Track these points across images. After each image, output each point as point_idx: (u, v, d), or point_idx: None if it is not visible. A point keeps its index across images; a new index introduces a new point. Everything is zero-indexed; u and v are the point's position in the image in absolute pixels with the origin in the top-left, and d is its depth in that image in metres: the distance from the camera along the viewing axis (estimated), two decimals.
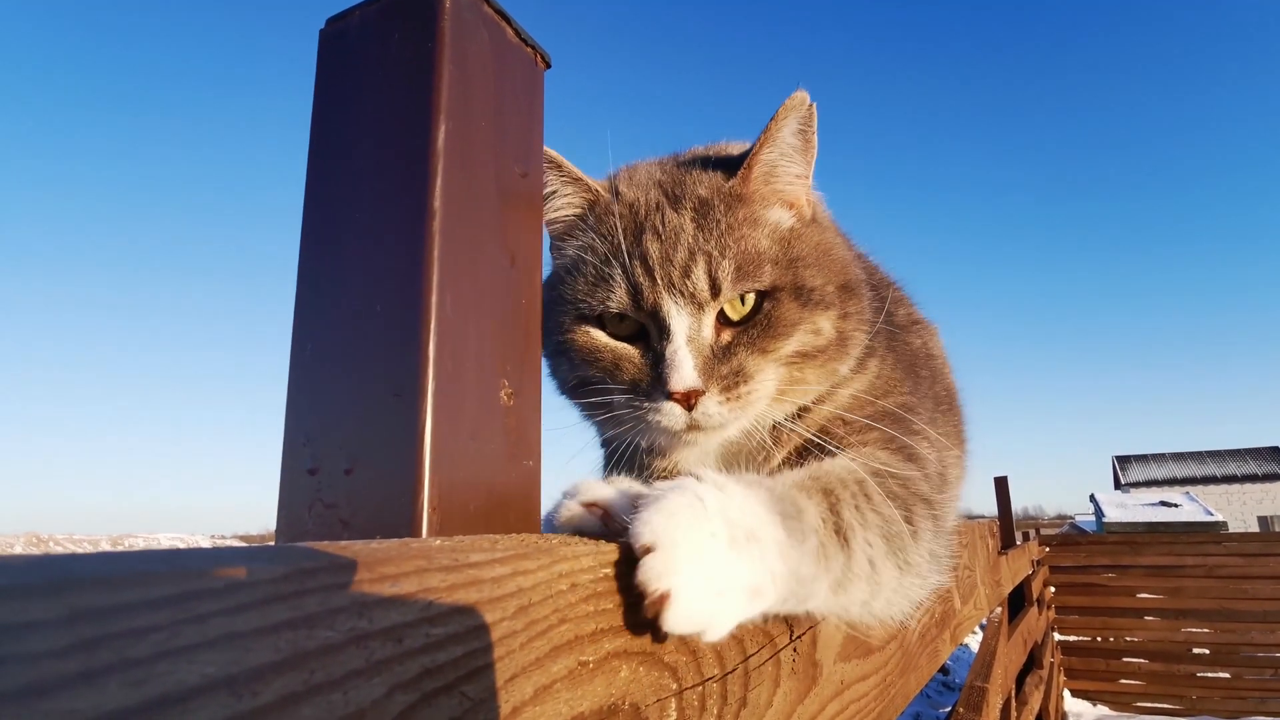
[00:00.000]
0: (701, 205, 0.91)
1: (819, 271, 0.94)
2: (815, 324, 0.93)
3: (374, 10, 0.58)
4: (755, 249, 0.90)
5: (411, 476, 0.47)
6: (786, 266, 0.91)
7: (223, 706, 0.27)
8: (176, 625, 0.26)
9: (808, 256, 0.94)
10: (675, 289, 0.87)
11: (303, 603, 0.31)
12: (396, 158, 0.54)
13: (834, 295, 0.95)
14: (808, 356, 0.93)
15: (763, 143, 0.92)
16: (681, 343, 0.86)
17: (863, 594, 0.71)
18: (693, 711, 0.59)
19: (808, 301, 0.92)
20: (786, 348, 0.90)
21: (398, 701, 0.34)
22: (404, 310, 0.50)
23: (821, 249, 0.97)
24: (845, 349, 0.96)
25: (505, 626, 0.41)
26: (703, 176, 0.95)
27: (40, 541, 31.06)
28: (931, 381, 1.27)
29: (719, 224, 0.90)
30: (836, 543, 0.68)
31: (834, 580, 0.67)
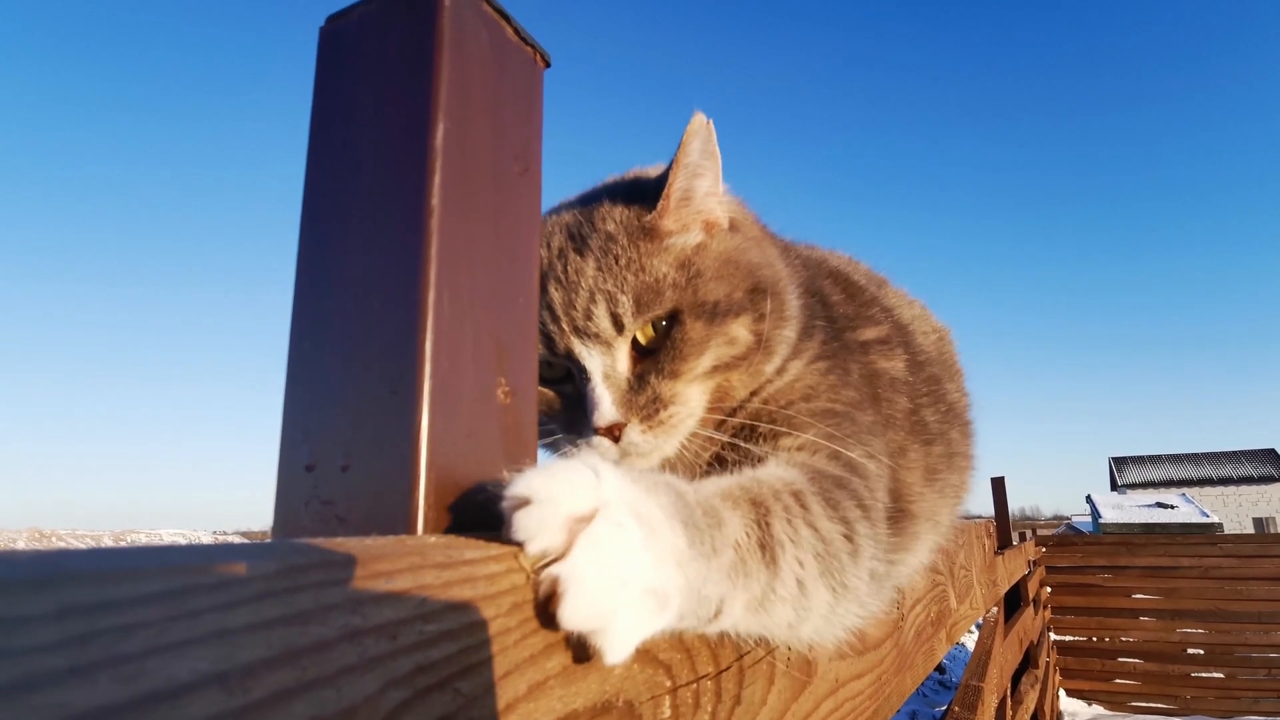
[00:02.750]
0: (607, 242, 0.92)
1: (723, 282, 0.94)
2: (728, 333, 0.93)
3: (374, 8, 0.58)
4: (655, 277, 0.90)
5: (408, 473, 0.47)
6: (686, 286, 0.91)
7: (214, 703, 0.27)
8: (167, 621, 0.26)
9: (711, 269, 0.94)
10: (581, 332, 0.90)
11: (295, 599, 0.31)
12: (395, 155, 0.54)
13: (744, 300, 0.94)
14: (730, 366, 0.93)
15: (674, 172, 0.92)
16: (598, 380, 0.89)
17: (787, 617, 0.65)
18: (687, 709, 0.59)
19: (714, 315, 0.92)
20: (699, 366, 0.91)
21: (391, 698, 0.34)
22: (402, 308, 0.50)
23: (725, 258, 0.96)
24: (769, 349, 0.96)
25: (499, 623, 0.41)
26: (613, 211, 0.96)
27: (43, 536, 30.91)
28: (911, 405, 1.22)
29: (620, 260, 0.91)
30: (760, 559, 0.61)
31: (752, 599, 0.60)
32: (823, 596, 0.68)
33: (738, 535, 0.60)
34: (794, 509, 0.68)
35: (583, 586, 0.42)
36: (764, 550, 0.62)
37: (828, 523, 0.72)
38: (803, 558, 0.66)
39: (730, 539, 0.58)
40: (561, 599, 0.42)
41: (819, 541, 0.69)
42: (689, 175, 0.94)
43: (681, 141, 0.91)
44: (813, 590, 0.66)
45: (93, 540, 33.19)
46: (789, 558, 0.64)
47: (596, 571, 0.43)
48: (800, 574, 0.65)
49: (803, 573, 0.65)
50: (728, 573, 0.57)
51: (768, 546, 0.62)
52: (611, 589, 0.43)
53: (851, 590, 0.72)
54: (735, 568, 0.58)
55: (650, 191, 0.95)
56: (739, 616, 0.59)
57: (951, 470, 1.31)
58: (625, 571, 0.45)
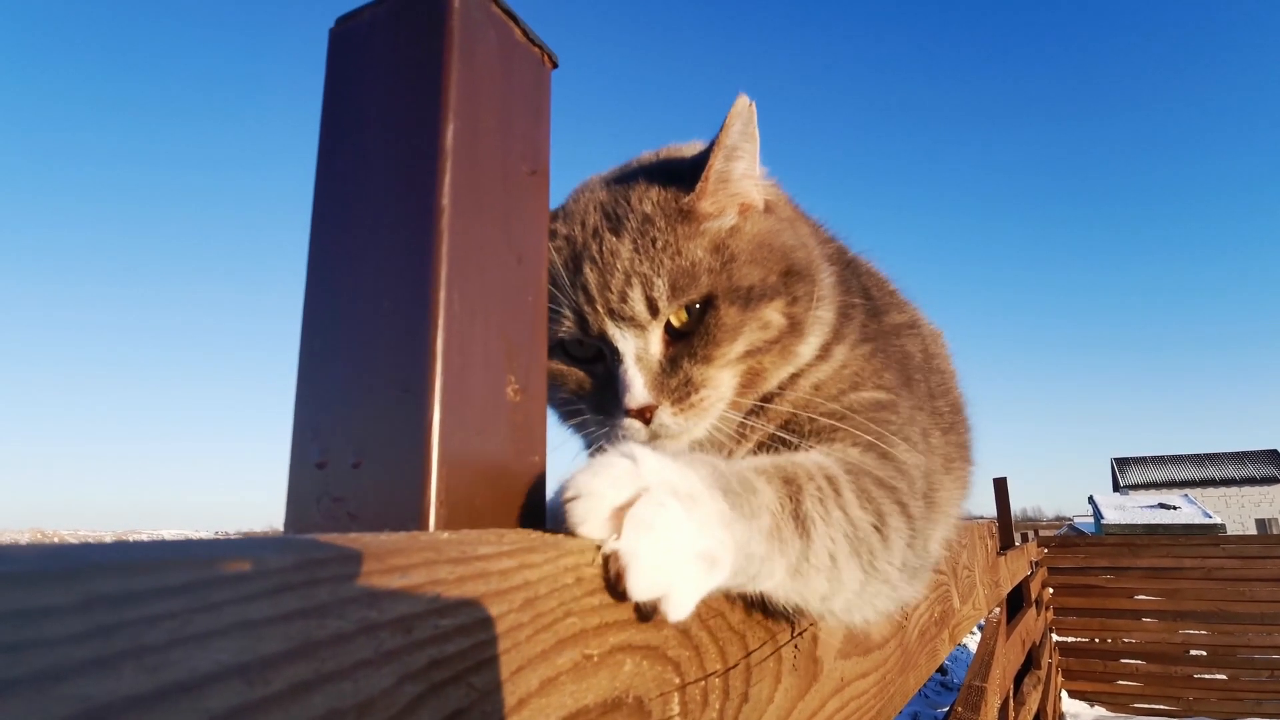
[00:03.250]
0: (643, 224, 0.92)
1: (757, 266, 0.94)
2: (762, 318, 0.93)
3: (384, 10, 0.58)
4: (691, 261, 0.91)
5: (419, 470, 0.48)
6: (721, 270, 0.91)
7: (235, 694, 0.27)
8: (191, 613, 0.27)
9: (745, 253, 0.94)
10: (616, 314, 0.90)
11: (314, 592, 0.31)
12: (405, 156, 0.54)
13: (778, 283, 0.94)
14: (762, 350, 0.93)
15: (714, 154, 0.92)
16: (631, 362, 0.90)
17: (821, 588, 0.68)
18: (695, 706, 0.59)
19: (748, 300, 0.92)
20: (733, 351, 0.91)
21: (406, 692, 0.34)
22: (413, 307, 0.51)
23: (760, 240, 0.96)
24: (800, 333, 0.96)
25: (512, 619, 0.41)
26: (649, 191, 0.95)
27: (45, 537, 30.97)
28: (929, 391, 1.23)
29: (656, 242, 0.91)
30: (794, 528, 0.65)
31: (790, 565, 0.64)
32: (854, 574, 0.71)
33: (772, 505, 0.64)
34: (826, 490, 0.71)
35: (639, 561, 0.48)
36: (797, 521, 0.66)
37: (859, 511, 0.74)
38: (834, 535, 0.69)
39: (765, 506, 0.63)
40: (625, 574, 0.48)
41: (848, 524, 0.71)
42: (727, 157, 0.93)
43: (724, 123, 0.90)
44: (844, 566, 0.70)
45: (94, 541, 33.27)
46: (820, 532, 0.67)
47: (648, 547, 0.49)
48: (832, 549, 0.68)
49: (834, 548, 0.68)
50: (767, 535, 0.61)
51: (800, 519, 0.66)
52: (664, 559, 0.49)
53: (882, 574, 0.75)
54: (772, 533, 0.62)
55: (687, 172, 0.95)
56: (780, 579, 0.64)
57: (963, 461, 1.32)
58: (672, 542, 0.50)
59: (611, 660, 0.49)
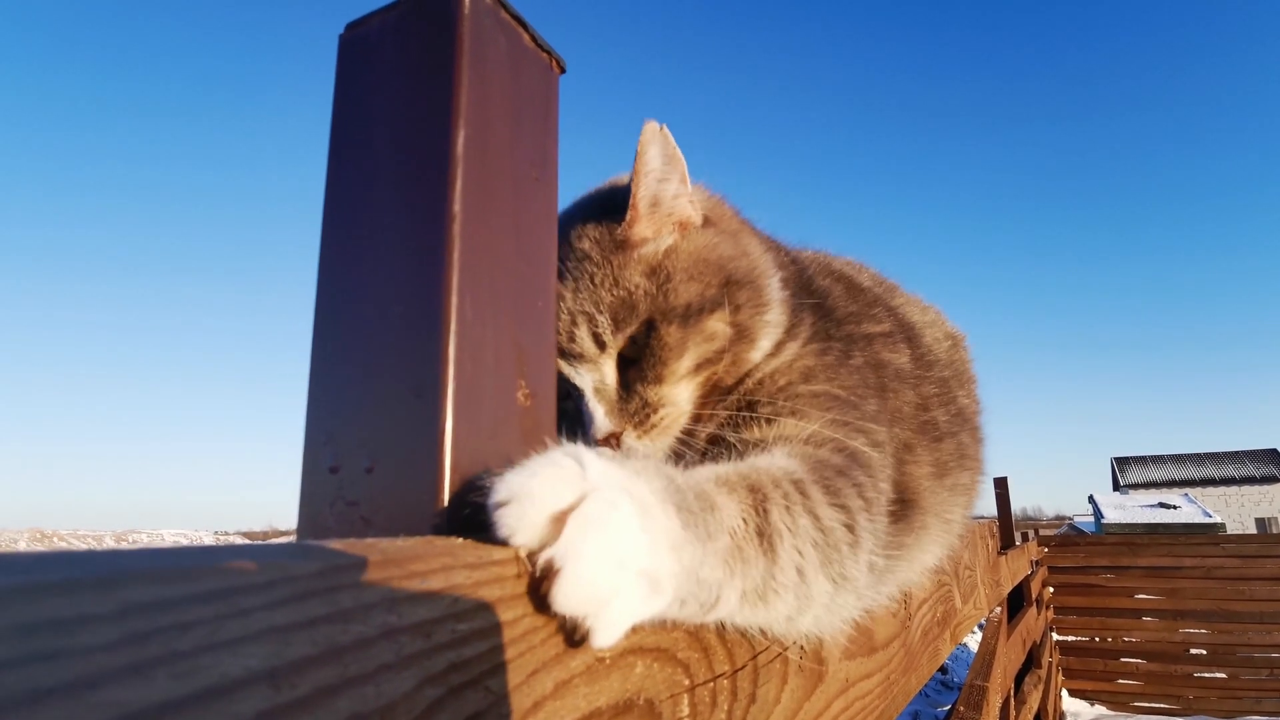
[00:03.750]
0: (581, 262, 0.96)
1: (695, 281, 0.96)
2: (704, 331, 0.95)
3: (393, 16, 0.58)
4: (628, 290, 0.94)
5: (433, 475, 0.48)
6: (658, 293, 0.94)
7: (263, 698, 0.28)
8: (220, 619, 0.27)
9: (683, 271, 0.96)
10: (568, 354, 0.94)
11: (337, 598, 0.32)
12: (416, 162, 0.55)
13: (718, 295, 0.97)
14: (713, 360, 0.96)
15: (637, 182, 0.95)
16: (590, 395, 0.94)
17: (786, 609, 0.63)
18: (705, 707, 0.60)
19: (687, 317, 0.94)
20: (681, 368, 0.94)
21: (426, 695, 0.35)
22: (424, 312, 0.51)
23: (697, 256, 0.99)
24: (750, 338, 0.99)
25: (528, 623, 0.42)
26: (586, 228, 0.98)
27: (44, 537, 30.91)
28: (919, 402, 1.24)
29: (594, 278, 0.95)
30: (758, 547, 0.59)
31: (751, 588, 0.58)
32: (823, 586, 0.66)
33: (733, 522, 0.58)
34: (793, 496, 0.67)
35: (577, 567, 0.41)
36: (761, 538, 0.60)
37: (828, 510, 0.70)
38: (802, 547, 0.64)
39: (725, 525, 0.57)
40: (554, 580, 0.41)
41: (818, 531, 0.67)
42: (652, 182, 0.96)
43: (637, 152, 0.93)
44: (813, 580, 0.64)
45: (94, 541, 33.20)
46: (787, 546, 0.62)
47: (591, 551, 0.41)
48: (800, 563, 0.63)
49: (802, 562, 0.63)
50: (724, 559, 0.55)
51: (765, 534, 0.60)
52: (605, 567, 0.42)
53: (851, 581, 0.71)
54: (732, 554, 0.56)
55: (620, 203, 0.97)
56: (734, 607, 0.57)
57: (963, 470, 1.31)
58: (621, 551, 0.43)
59: (623, 663, 0.50)
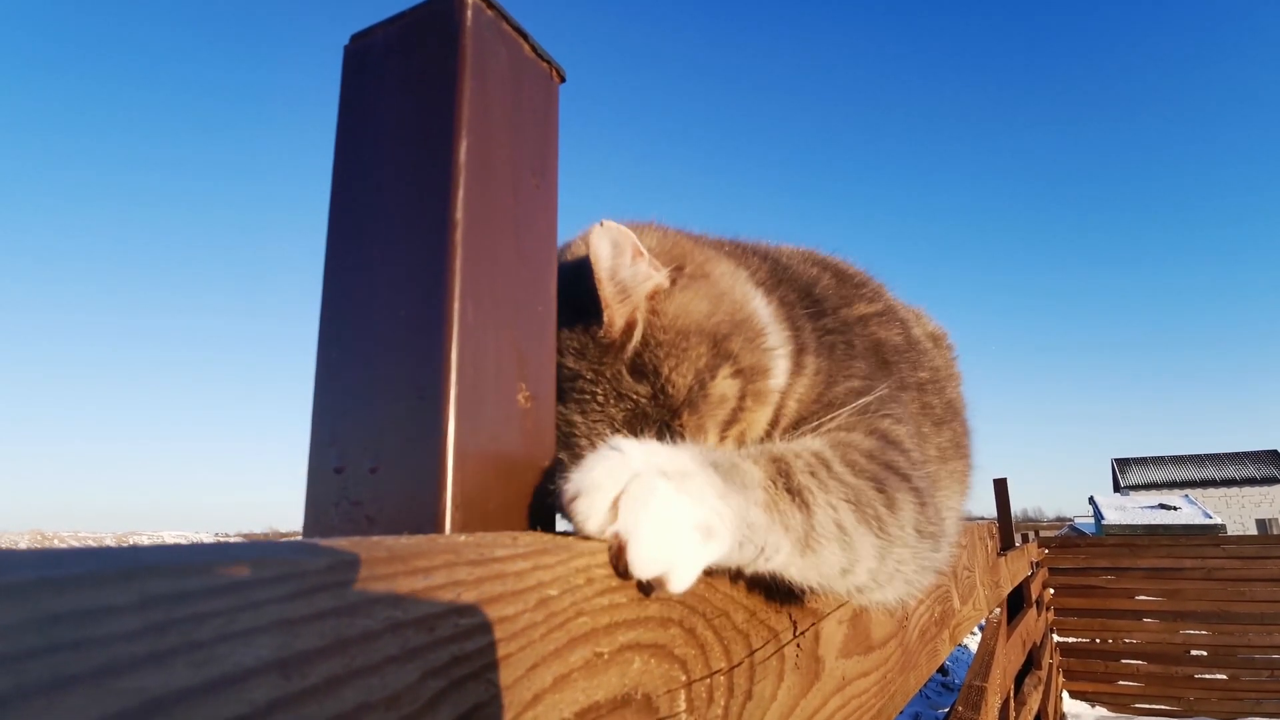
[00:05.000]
0: (572, 380, 0.90)
1: (685, 360, 0.89)
2: (714, 398, 0.89)
3: (397, 28, 0.60)
4: (634, 400, 0.88)
5: (435, 475, 0.50)
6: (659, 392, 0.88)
7: (274, 687, 0.29)
8: (235, 611, 0.28)
9: (669, 355, 0.89)
10: None
11: (345, 592, 0.33)
12: (419, 170, 0.56)
13: (712, 361, 0.90)
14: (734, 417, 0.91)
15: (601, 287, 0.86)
16: None
17: (839, 560, 0.67)
18: (701, 703, 0.61)
19: (694, 401, 0.88)
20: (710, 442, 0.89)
21: (430, 687, 0.36)
22: (427, 317, 0.53)
23: (677, 331, 0.91)
24: (763, 374, 0.93)
25: (527, 618, 0.43)
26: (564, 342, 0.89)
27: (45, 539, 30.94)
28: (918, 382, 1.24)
29: (595, 396, 0.88)
30: (791, 501, 0.64)
31: (797, 538, 0.63)
32: (868, 540, 0.70)
33: (763, 481, 0.64)
34: (815, 464, 0.71)
35: (638, 537, 0.50)
36: (792, 495, 0.65)
37: (853, 478, 0.73)
38: (833, 501, 0.68)
39: (756, 482, 0.63)
40: (625, 550, 0.50)
41: (846, 489, 0.71)
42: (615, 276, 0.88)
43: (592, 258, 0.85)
44: (854, 532, 0.68)
45: (95, 542, 33.32)
46: (820, 502, 0.67)
47: (645, 521, 0.51)
48: (836, 517, 0.67)
49: (839, 516, 0.68)
50: (765, 507, 0.62)
51: (795, 492, 0.66)
52: (661, 532, 0.51)
53: (896, 539, 0.73)
54: (770, 505, 0.62)
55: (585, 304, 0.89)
56: (788, 553, 0.64)
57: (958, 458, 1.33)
58: (668, 515, 0.52)
59: (621, 658, 0.51)
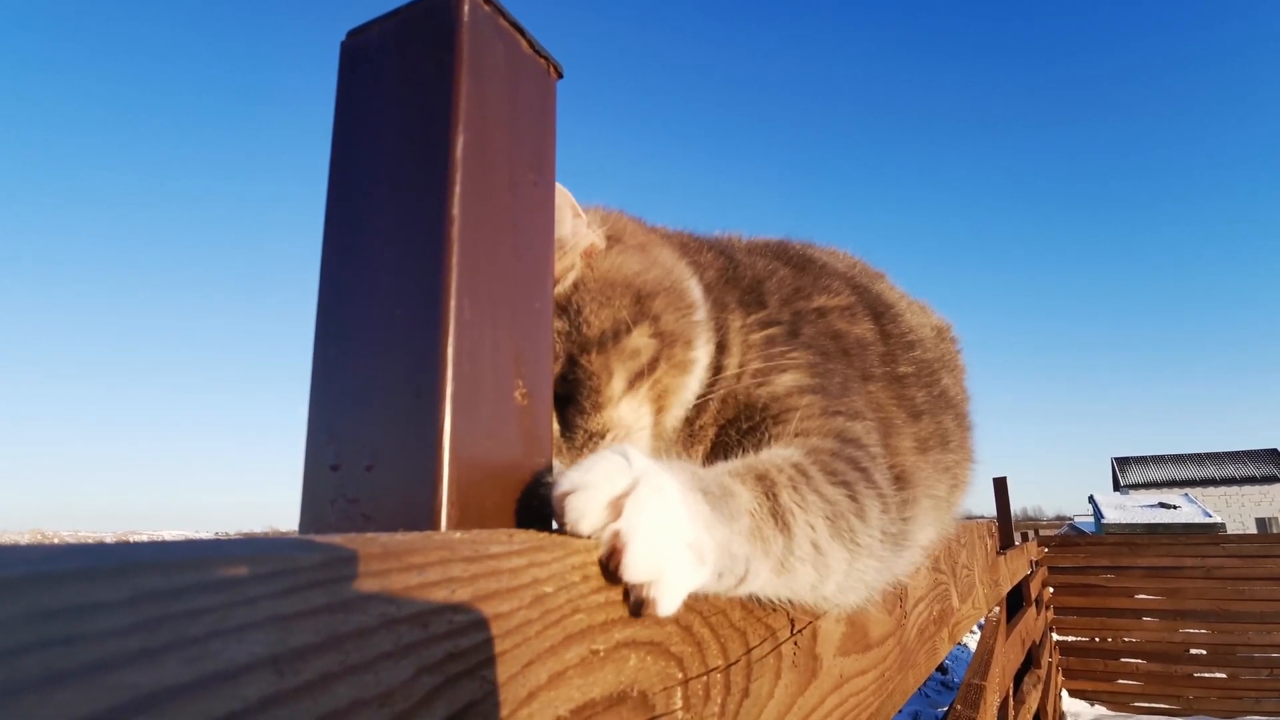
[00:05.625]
0: None
1: (605, 307, 0.95)
2: (626, 349, 0.94)
3: (393, 24, 0.60)
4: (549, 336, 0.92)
5: (431, 473, 0.50)
6: (572, 330, 0.93)
7: (268, 683, 0.29)
8: (228, 607, 0.28)
9: (591, 300, 0.95)
10: None
11: (339, 588, 0.33)
12: (416, 167, 0.56)
13: (633, 312, 0.95)
14: (646, 373, 0.95)
15: None
16: None
17: (809, 577, 0.71)
18: (698, 701, 0.61)
19: (604, 343, 0.93)
20: (612, 392, 0.93)
21: (424, 683, 0.36)
22: (424, 314, 0.52)
23: (604, 281, 0.97)
24: (684, 342, 0.98)
25: (522, 615, 0.43)
26: None
27: (45, 538, 30.99)
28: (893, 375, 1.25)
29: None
30: (774, 526, 0.67)
31: (775, 562, 0.66)
32: (839, 554, 0.73)
33: (750, 505, 0.66)
34: (797, 479, 0.74)
35: (637, 540, 0.50)
36: (776, 518, 0.68)
37: (830, 488, 0.76)
38: (813, 521, 0.71)
39: (743, 508, 0.64)
40: (622, 553, 0.49)
41: (825, 504, 0.74)
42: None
43: None
44: (828, 549, 0.72)
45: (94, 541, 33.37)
46: (800, 523, 0.69)
47: (648, 526, 0.50)
48: (813, 536, 0.70)
49: (815, 535, 0.71)
50: (748, 536, 0.63)
51: (779, 514, 0.68)
52: (660, 541, 0.51)
53: (865, 548, 0.77)
54: (753, 532, 0.64)
55: None
56: (767, 578, 0.66)
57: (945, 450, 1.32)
58: (672, 524, 0.52)
59: (617, 655, 0.51)
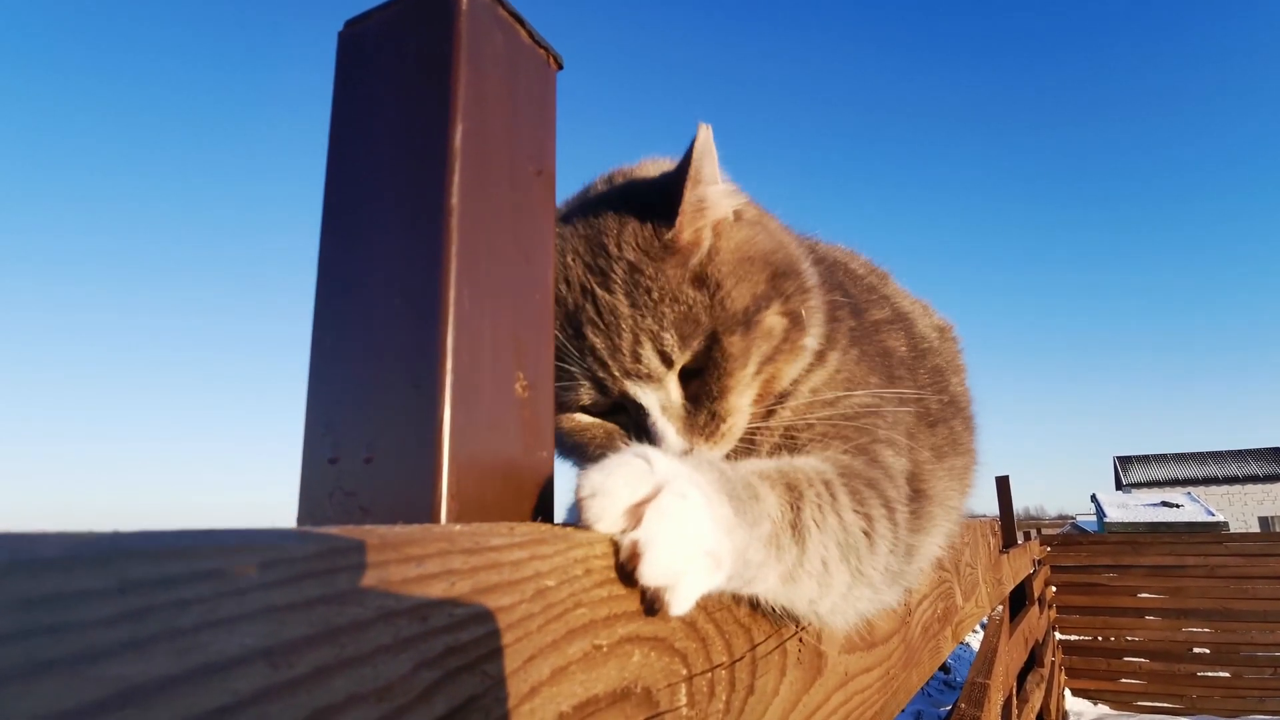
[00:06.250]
0: (631, 273, 0.91)
1: (745, 282, 0.93)
2: (763, 328, 0.93)
3: (392, 13, 0.59)
4: (689, 304, 0.90)
5: (430, 465, 0.49)
6: (714, 304, 0.91)
7: (261, 676, 0.28)
8: (219, 598, 0.28)
9: (731, 274, 0.93)
10: (632, 375, 0.90)
11: (334, 580, 0.32)
12: (415, 157, 0.55)
13: (768, 290, 0.94)
14: (773, 356, 0.95)
15: (686, 187, 0.90)
16: (658, 415, 0.90)
17: (810, 592, 0.72)
18: (702, 697, 0.60)
19: (747, 323, 0.91)
20: (746, 374, 0.92)
21: (423, 678, 0.35)
22: (423, 305, 0.52)
23: (740, 255, 0.96)
24: (801, 326, 0.97)
25: (524, 609, 0.42)
26: (625, 233, 0.92)
27: None
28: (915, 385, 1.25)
29: (651, 292, 0.89)
30: (792, 537, 0.68)
31: (784, 571, 0.68)
32: (842, 578, 0.75)
33: (773, 512, 0.67)
34: (824, 496, 0.74)
35: (656, 546, 0.50)
36: (794, 530, 0.69)
37: (851, 515, 0.77)
38: (827, 542, 0.72)
39: (767, 514, 0.65)
40: (641, 558, 0.50)
41: (842, 531, 0.75)
42: (696, 183, 0.91)
43: (692, 156, 0.89)
44: (834, 570, 0.73)
45: None
46: (815, 541, 0.70)
47: (667, 534, 0.51)
48: (825, 556, 0.72)
49: (826, 555, 0.72)
50: (765, 543, 0.64)
51: (798, 528, 0.69)
52: (679, 548, 0.51)
53: (867, 578, 0.79)
54: (771, 540, 0.65)
55: (659, 204, 0.93)
56: (773, 584, 0.67)
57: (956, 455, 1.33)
58: (692, 533, 0.52)
59: (620, 651, 0.50)
